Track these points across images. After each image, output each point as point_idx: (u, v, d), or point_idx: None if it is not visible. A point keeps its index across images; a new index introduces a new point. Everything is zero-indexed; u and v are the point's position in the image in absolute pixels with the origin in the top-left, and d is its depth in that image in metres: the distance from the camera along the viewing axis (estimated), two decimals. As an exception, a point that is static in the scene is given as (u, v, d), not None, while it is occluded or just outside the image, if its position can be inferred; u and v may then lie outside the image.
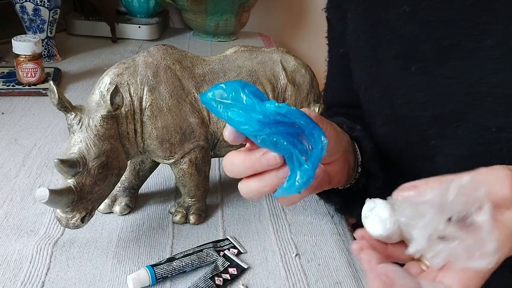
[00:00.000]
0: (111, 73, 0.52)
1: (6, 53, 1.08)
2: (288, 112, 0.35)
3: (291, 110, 0.35)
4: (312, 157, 0.36)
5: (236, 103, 0.36)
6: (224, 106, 0.37)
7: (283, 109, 0.35)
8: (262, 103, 0.36)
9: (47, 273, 0.51)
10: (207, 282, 0.50)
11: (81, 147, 0.48)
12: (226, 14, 1.31)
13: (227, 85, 0.37)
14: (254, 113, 0.36)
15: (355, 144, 0.55)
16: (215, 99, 0.37)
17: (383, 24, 0.56)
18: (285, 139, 0.36)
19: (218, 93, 0.37)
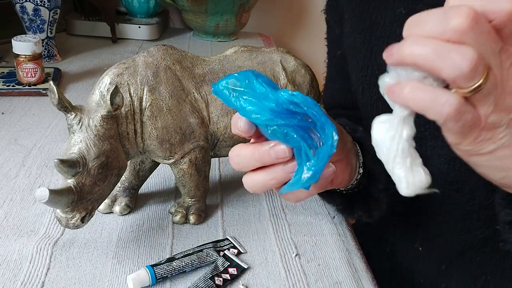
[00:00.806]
0: (111, 73, 0.52)
1: (6, 53, 1.08)
2: (302, 101, 0.35)
3: (306, 99, 0.35)
4: (321, 153, 0.36)
5: (249, 90, 0.36)
6: (237, 94, 0.36)
7: (297, 98, 0.35)
8: (276, 92, 0.35)
9: (47, 273, 0.51)
10: (207, 282, 0.50)
11: (81, 147, 0.48)
12: (226, 15, 1.32)
13: (240, 74, 0.37)
14: (266, 101, 0.35)
15: (357, 145, 0.55)
16: (228, 87, 0.36)
17: (379, 26, 0.56)
18: (296, 132, 0.36)
19: (231, 82, 0.37)
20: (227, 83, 0.37)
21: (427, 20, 0.31)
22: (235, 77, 0.37)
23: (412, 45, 0.32)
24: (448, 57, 0.30)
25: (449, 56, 0.30)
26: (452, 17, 0.30)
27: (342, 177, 0.50)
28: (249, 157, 0.39)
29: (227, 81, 0.37)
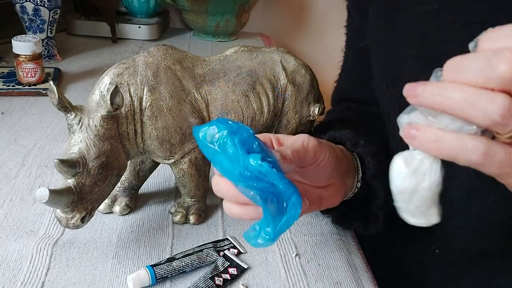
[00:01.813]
0: (111, 73, 0.52)
1: (6, 53, 1.08)
2: (268, 173, 0.36)
3: (272, 172, 0.36)
4: (281, 222, 0.37)
5: (222, 151, 0.37)
6: (212, 151, 0.38)
7: (264, 169, 0.36)
8: (247, 157, 0.36)
9: (47, 273, 0.51)
10: (207, 282, 0.50)
11: (81, 147, 0.48)
12: (226, 15, 1.31)
13: (220, 127, 0.37)
14: (237, 164, 0.36)
15: (357, 159, 0.54)
16: (205, 141, 0.38)
17: (406, 21, 0.54)
18: (261, 195, 0.37)
19: (209, 134, 0.38)
20: (205, 135, 0.38)
21: (470, 67, 0.30)
22: (215, 128, 0.37)
23: (445, 92, 0.31)
24: (479, 106, 0.29)
25: (480, 105, 0.29)
26: (498, 65, 0.29)
27: (333, 199, 0.50)
28: (225, 192, 0.40)
29: (206, 132, 0.38)
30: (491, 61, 0.29)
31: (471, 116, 0.30)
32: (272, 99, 0.59)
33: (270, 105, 0.59)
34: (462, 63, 0.31)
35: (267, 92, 0.59)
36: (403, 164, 0.35)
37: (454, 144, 0.31)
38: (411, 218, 0.36)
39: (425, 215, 0.35)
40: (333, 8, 1.64)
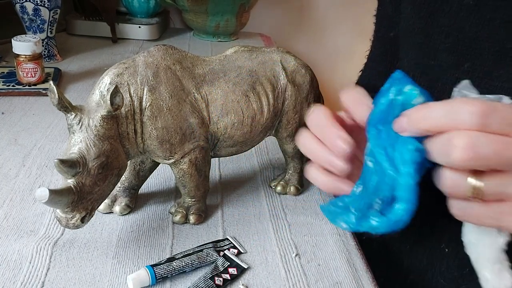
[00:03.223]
0: (111, 73, 0.52)
1: (6, 53, 1.08)
2: (409, 163, 0.34)
3: (412, 166, 0.34)
4: (369, 219, 0.35)
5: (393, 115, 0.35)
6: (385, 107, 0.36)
7: (413, 158, 0.34)
8: (409, 139, 0.34)
9: (47, 273, 0.51)
10: (207, 282, 0.50)
11: (81, 147, 0.48)
12: (226, 15, 1.32)
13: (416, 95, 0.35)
14: (392, 135, 0.35)
15: None
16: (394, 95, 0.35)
17: (443, 14, 0.53)
18: (380, 179, 0.35)
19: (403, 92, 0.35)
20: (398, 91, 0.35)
21: (435, 126, 0.33)
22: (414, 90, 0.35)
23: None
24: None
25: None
26: (453, 151, 0.32)
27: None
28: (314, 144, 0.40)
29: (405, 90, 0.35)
30: (451, 141, 0.32)
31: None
32: (272, 99, 0.60)
33: (270, 105, 0.59)
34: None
35: (267, 92, 0.59)
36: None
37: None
38: (487, 274, 0.37)
39: (499, 274, 0.36)
40: (333, 8, 1.64)
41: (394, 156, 0.34)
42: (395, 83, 0.34)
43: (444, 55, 0.52)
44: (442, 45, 0.52)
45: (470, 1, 0.50)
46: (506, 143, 0.31)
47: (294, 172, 0.68)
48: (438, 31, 0.53)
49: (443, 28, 0.53)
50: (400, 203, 0.33)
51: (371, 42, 0.72)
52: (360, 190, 0.38)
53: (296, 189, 0.68)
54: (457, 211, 0.35)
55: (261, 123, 0.59)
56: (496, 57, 0.48)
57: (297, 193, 0.68)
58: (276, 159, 0.77)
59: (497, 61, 0.47)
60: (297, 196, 0.68)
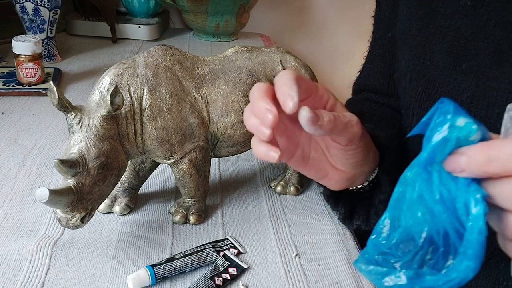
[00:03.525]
0: (111, 73, 0.52)
1: (6, 53, 1.08)
2: (475, 219, 0.29)
3: (478, 220, 0.29)
4: (425, 280, 0.30)
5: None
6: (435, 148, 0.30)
7: (477, 212, 0.29)
8: (473, 186, 0.29)
9: (47, 273, 0.51)
10: (207, 282, 0.50)
11: (81, 147, 0.48)
12: (226, 15, 1.32)
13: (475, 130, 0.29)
14: (452, 183, 0.30)
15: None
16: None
17: (439, 15, 0.53)
18: (432, 229, 0.31)
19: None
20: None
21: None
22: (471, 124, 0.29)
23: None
24: None
25: None
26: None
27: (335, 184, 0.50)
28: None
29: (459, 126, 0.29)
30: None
31: None
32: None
33: (270, 105, 0.59)
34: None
35: (267, 92, 0.59)
36: None
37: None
38: None
39: None
40: (333, 8, 1.64)
41: (454, 204, 0.30)
42: (445, 115, 0.29)
43: (441, 56, 0.52)
44: (439, 46, 0.52)
45: (468, 2, 0.50)
46: None
47: (294, 172, 0.68)
48: (435, 32, 0.53)
49: (439, 29, 0.53)
50: (466, 261, 0.29)
51: (369, 43, 0.72)
52: (389, 231, 0.34)
53: (296, 189, 0.68)
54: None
55: (261, 123, 0.59)
56: (493, 58, 0.47)
57: (297, 193, 0.68)
58: (276, 159, 0.77)
59: (494, 62, 0.47)
60: (297, 196, 0.68)
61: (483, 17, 0.48)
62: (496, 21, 0.48)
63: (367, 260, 0.34)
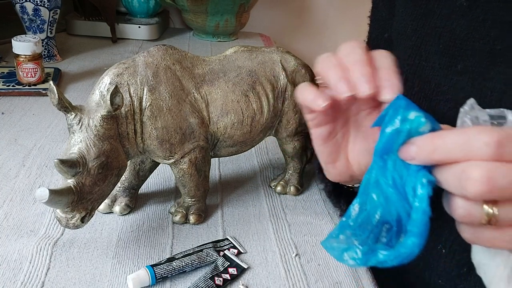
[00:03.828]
0: (111, 73, 0.52)
1: (6, 53, 1.08)
2: (421, 200, 0.32)
3: (423, 200, 0.32)
4: (377, 253, 0.34)
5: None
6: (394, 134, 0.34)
7: (423, 194, 0.32)
8: (422, 171, 0.33)
9: (47, 273, 0.51)
10: (207, 282, 0.50)
11: (81, 147, 0.48)
12: (226, 15, 1.32)
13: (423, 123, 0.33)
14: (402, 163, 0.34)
15: None
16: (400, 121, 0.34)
17: (435, 15, 0.53)
18: (385, 210, 0.35)
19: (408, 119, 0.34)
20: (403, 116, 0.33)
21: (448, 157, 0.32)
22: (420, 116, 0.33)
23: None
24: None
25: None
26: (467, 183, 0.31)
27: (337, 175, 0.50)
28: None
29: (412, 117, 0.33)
30: (463, 173, 0.31)
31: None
32: (272, 99, 0.60)
33: (270, 105, 0.59)
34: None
35: (267, 92, 0.59)
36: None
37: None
38: None
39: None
40: (333, 8, 1.64)
41: (403, 187, 0.33)
42: (399, 110, 0.33)
43: (437, 56, 0.52)
44: (434, 46, 0.53)
45: (464, 3, 0.50)
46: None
47: (294, 172, 0.68)
48: (431, 33, 0.53)
49: (435, 30, 0.53)
50: (412, 237, 0.32)
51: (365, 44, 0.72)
52: (357, 214, 0.37)
53: (296, 189, 0.68)
54: (468, 235, 0.34)
55: (261, 123, 0.59)
56: (488, 58, 0.48)
57: (297, 193, 0.68)
58: (276, 159, 0.77)
59: (489, 62, 0.48)
60: (297, 196, 0.68)
61: (478, 18, 0.49)
62: (491, 21, 0.48)
63: (332, 238, 0.37)
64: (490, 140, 0.30)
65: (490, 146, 0.30)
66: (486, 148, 0.30)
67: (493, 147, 0.30)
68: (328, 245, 0.37)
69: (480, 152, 0.30)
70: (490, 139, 0.30)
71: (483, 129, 0.31)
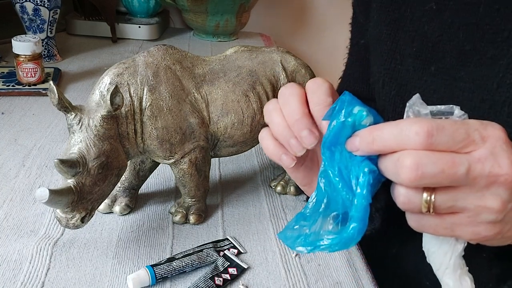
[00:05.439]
0: (111, 73, 0.52)
1: (6, 53, 1.08)
2: (362, 185, 0.35)
3: (364, 186, 0.35)
4: (319, 240, 0.36)
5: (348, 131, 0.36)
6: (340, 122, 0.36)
7: (364, 180, 0.35)
8: (364, 160, 0.35)
9: (47, 273, 0.51)
10: (207, 282, 0.50)
11: (81, 147, 0.48)
12: (226, 14, 1.31)
13: (363, 116, 0.36)
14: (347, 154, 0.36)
15: None
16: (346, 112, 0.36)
17: (407, 20, 0.54)
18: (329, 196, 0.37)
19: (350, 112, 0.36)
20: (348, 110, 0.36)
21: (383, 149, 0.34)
22: (361, 110, 0.36)
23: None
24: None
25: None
26: (401, 170, 0.33)
27: None
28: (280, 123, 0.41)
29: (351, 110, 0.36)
30: (398, 162, 0.33)
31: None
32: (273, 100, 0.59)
33: (270, 105, 0.59)
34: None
35: (267, 92, 0.59)
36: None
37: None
38: (449, 280, 0.39)
39: (460, 280, 0.38)
40: (333, 8, 1.64)
41: (349, 176, 0.35)
42: (344, 105, 0.36)
43: (410, 60, 0.53)
44: (408, 50, 0.54)
45: (433, 6, 0.51)
46: (452, 161, 0.32)
47: (294, 172, 0.68)
48: (404, 37, 0.55)
49: (408, 34, 0.54)
50: (353, 223, 0.34)
51: (347, 50, 0.73)
52: (313, 205, 0.39)
53: (296, 189, 0.67)
54: (413, 223, 0.36)
55: (261, 123, 0.59)
56: (458, 59, 0.49)
57: (297, 193, 0.68)
58: (276, 159, 0.77)
59: (459, 63, 0.49)
60: (297, 196, 0.68)
61: (447, 20, 0.50)
62: (460, 23, 0.49)
63: (288, 229, 0.39)
64: (420, 130, 0.32)
65: (420, 135, 0.32)
66: (417, 138, 0.32)
67: (423, 137, 0.32)
68: (283, 236, 0.39)
69: (412, 141, 0.32)
70: (420, 129, 0.32)
71: (415, 120, 0.33)
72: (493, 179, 0.33)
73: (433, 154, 0.32)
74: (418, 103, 0.35)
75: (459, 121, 0.33)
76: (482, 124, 0.33)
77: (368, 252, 0.61)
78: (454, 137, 0.32)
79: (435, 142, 0.32)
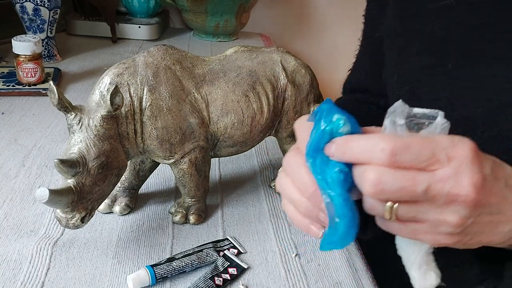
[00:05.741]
0: (111, 73, 0.52)
1: (6, 53, 1.08)
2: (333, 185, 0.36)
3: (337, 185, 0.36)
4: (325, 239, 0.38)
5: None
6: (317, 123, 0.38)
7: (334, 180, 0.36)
8: (331, 162, 0.37)
9: (47, 273, 0.51)
10: (207, 282, 0.50)
11: (81, 147, 0.48)
12: (226, 15, 1.31)
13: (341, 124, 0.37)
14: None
15: None
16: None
17: (418, 17, 0.54)
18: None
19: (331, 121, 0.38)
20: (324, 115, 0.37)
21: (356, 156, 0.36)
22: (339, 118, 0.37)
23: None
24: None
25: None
26: (365, 182, 0.35)
27: None
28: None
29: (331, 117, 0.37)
30: (363, 174, 0.35)
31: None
32: (272, 99, 0.60)
33: (270, 105, 0.59)
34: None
35: (267, 92, 0.59)
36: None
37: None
38: (414, 273, 0.41)
39: (425, 274, 0.40)
40: (333, 8, 1.64)
41: (327, 180, 0.37)
42: (323, 114, 0.37)
43: (419, 58, 0.54)
44: (417, 47, 0.54)
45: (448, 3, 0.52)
46: (412, 179, 0.34)
47: (294, 172, 0.68)
48: (414, 35, 0.55)
49: (418, 32, 0.54)
50: (340, 219, 0.36)
51: (359, 43, 0.73)
52: None
53: (296, 189, 0.67)
54: (380, 224, 0.38)
55: (261, 123, 0.59)
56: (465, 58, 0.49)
57: (297, 193, 0.68)
58: (276, 159, 0.77)
59: (466, 62, 0.49)
60: (297, 196, 0.68)
61: (456, 19, 0.50)
62: (468, 22, 0.49)
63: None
64: (386, 147, 0.33)
65: (385, 153, 0.33)
66: (382, 155, 0.33)
67: (387, 154, 0.33)
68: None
69: (378, 157, 0.34)
70: (387, 146, 0.33)
71: (384, 137, 0.34)
72: (453, 198, 0.34)
73: (395, 171, 0.34)
74: (398, 111, 0.36)
75: (428, 139, 0.34)
76: (452, 142, 0.34)
77: (368, 252, 0.61)
78: (419, 156, 0.34)
79: (399, 160, 0.33)
